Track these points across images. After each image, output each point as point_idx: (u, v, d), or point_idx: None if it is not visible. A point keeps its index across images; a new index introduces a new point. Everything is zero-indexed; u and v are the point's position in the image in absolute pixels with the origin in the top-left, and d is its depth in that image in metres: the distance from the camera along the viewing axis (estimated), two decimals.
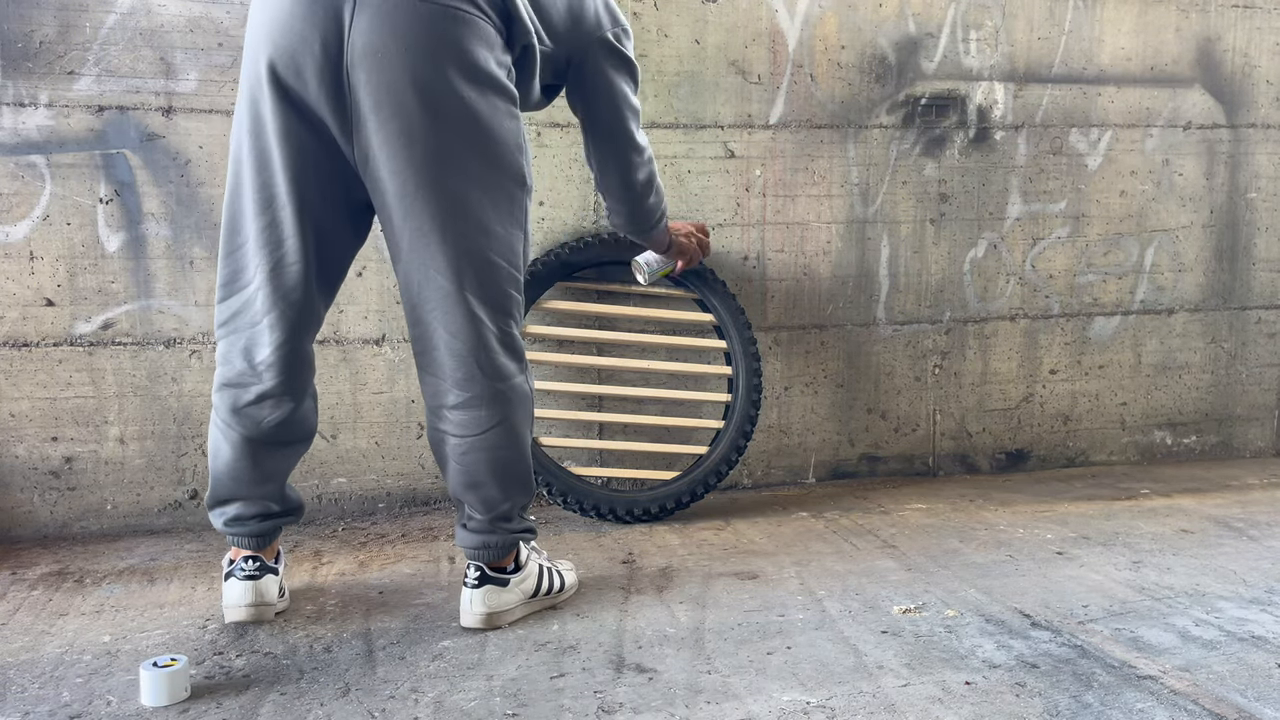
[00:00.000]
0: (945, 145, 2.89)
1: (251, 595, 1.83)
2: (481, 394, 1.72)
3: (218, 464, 1.83)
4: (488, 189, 1.68)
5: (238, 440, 1.80)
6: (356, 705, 1.54)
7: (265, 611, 1.85)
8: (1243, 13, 3.07)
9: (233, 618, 1.84)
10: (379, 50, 1.59)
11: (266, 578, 1.85)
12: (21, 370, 2.36)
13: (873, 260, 2.87)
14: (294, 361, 1.77)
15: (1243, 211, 3.16)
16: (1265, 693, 1.57)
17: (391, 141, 1.62)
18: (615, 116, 1.94)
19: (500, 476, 1.79)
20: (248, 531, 1.86)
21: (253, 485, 1.84)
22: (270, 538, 1.88)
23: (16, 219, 2.33)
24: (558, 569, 1.98)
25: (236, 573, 1.84)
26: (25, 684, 1.62)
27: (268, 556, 1.88)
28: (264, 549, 1.87)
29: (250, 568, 1.84)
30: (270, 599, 1.85)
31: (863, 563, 2.19)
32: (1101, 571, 2.14)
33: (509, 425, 1.76)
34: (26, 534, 2.39)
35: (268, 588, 1.85)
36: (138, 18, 2.34)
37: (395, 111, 1.61)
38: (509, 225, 1.73)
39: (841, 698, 1.55)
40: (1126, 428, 3.15)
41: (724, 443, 2.59)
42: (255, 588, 1.83)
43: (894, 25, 2.81)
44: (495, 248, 1.71)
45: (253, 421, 1.78)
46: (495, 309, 1.73)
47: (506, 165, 1.70)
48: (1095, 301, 3.07)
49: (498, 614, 1.83)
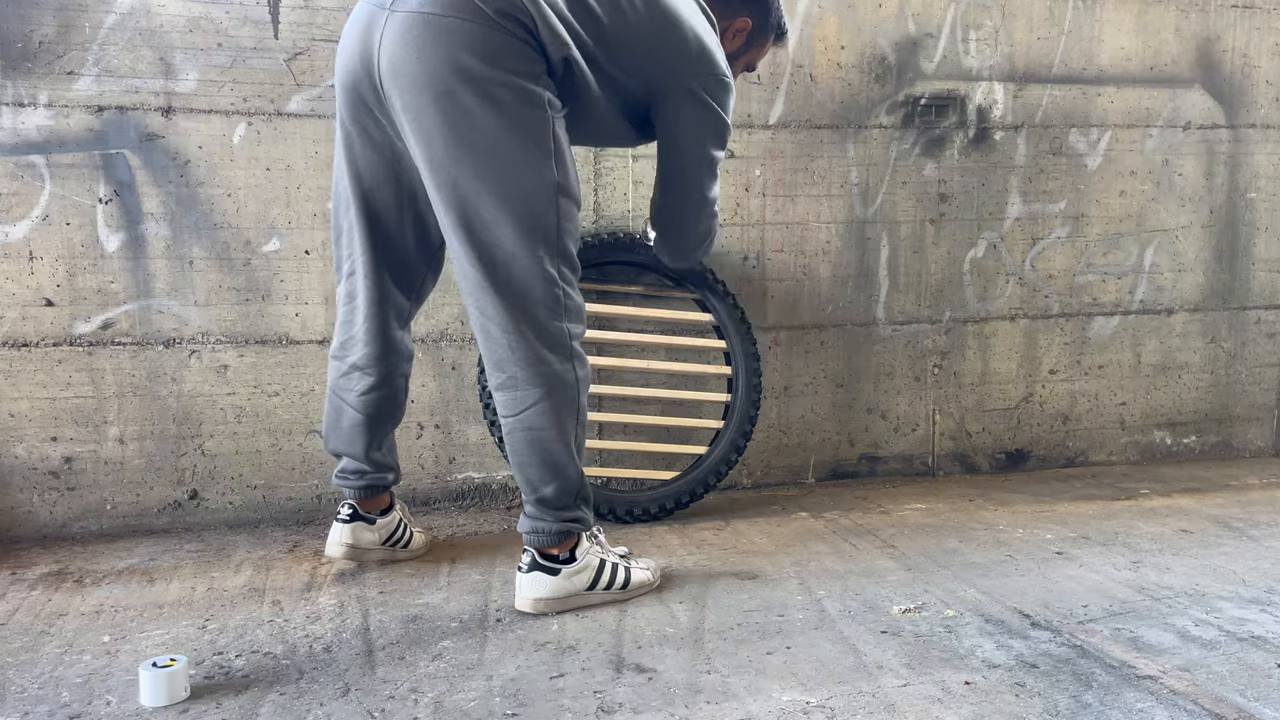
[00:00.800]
0: (945, 145, 2.89)
1: (339, 536, 2.07)
2: (516, 376, 1.82)
3: (325, 421, 2.10)
4: (500, 188, 1.75)
5: (336, 403, 2.06)
6: (356, 705, 1.54)
7: (353, 553, 2.08)
8: (1242, 13, 3.07)
9: (328, 554, 2.10)
10: (398, 61, 1.74)
11: (357, 524, 2.08)
12: (21, 370, 2.36)
13: (872, 260, 2.87)
14: (380, 343, 2.00)
15: (1242, 211, 3.17)
16: (1265, 693, 1.57)
17: (416, 146, 1.77)
18: (683, 165, 1.98)
19: (539, 458, 1.86)
20: (345, 484, 2.10)
21: (348, 444, 2.07)
22: (366, 492, 2.09)
23: (16, 219, 2.33)
24: (629, 565, 1.99)
25: (336, 515, 2.10)
26: (25, 684, 1.61)
27: (366, 509, 2.09)
28: (362, 500, 2.09)
29: (345, 513, 2.08)
30: (360, 543, 2.08)
31: (862, 563, 2.19)
32: (1101, 571, 2.14)
33: (545, 408, 1.83)
34: (26, 534, 2.39)
35: (359, 534, 2.07)
36: (137, 18, 2.34)
37: (415, 117, 1.75)
38: (530, 222, 1.78)
39: (841, 698, 1.55)
40: (1126, 428, 3.15)
41: (723, 443, 2.59)
42: (346, 530, 2.07)
43: (893, 25, 2.81)
44: (511, 244, 1.77)
45: (346, 389, 2.03)
46: (521, 299, 1.80)
47: (523, 165, 1.75)
48: (1095, 301, 3.07)
49: (544, 600, 1.88)
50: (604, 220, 2.65)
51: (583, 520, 1.93)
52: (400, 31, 1.72)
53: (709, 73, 1.92)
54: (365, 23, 1.79)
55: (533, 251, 1.78)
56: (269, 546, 2.33)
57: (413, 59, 1.71)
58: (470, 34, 1.69)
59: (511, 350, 1.81)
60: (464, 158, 1.73)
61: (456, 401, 2.61)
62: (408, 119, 1.75)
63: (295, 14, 2.42)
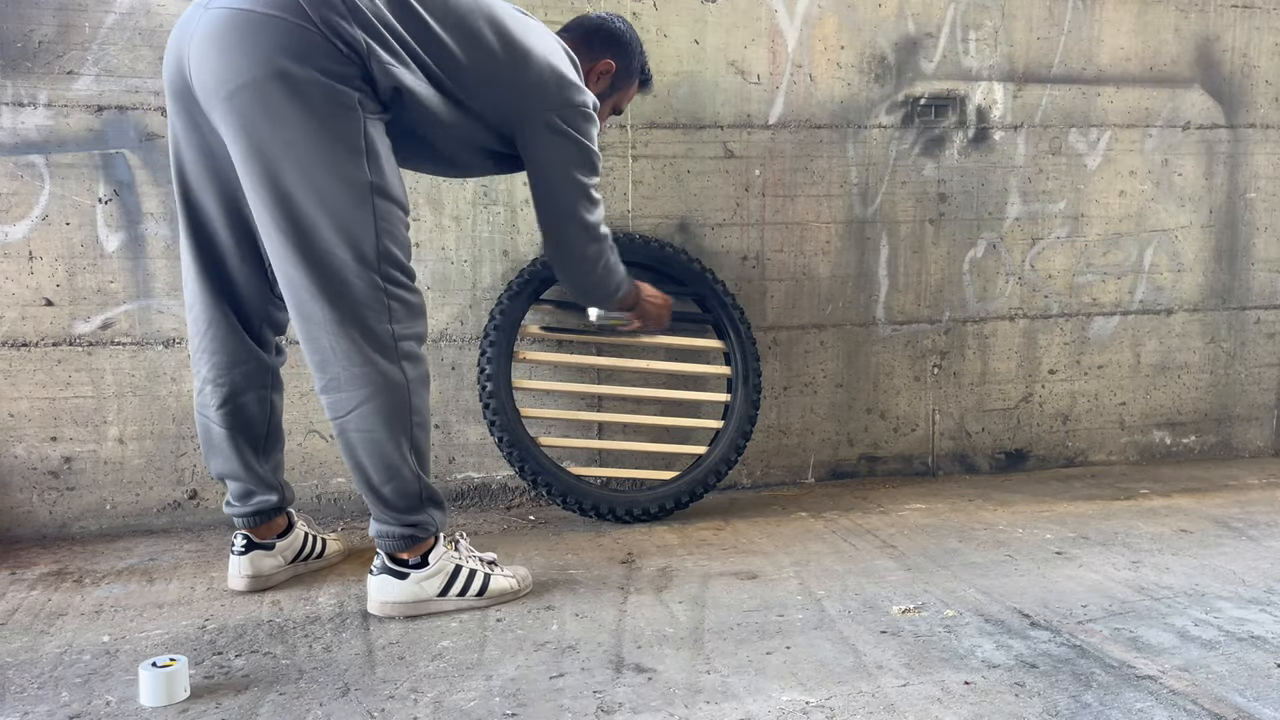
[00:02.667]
0: (944, 145, 2.89)
1: (237, 569, 2.02)
2: (339, 377, 1.78)
3: (200, 442, 2.04)
4: (311, 187, 1.71)
5: (201, 420, 2.00)
6: (356, 705, 1.54)
7: (257, 583, 2.02)
8: (1242, 12, 3.08)
9: (230, 586, 2.04)
10: (206, 58, 1.71)
11: (255, 553, 2.02)
12: (20, 370, 2.36)
13: (872, 260, 2.87)
14: (226, 353, 1.94)
15: (1242, 211, 3.17)
16: (1264, 692, 1.57)
17: (231, 144, 1.73)
18: (553, 193, 1.97)
19: (371, 460, 1.82)
20: (234, 513, 2.04)
21: (225, 462, 2.01)
22: (255, 519, 2.03)
23: (15, 219, 2.33)
24: (489, 571, 1.95)
25: (231, 547, 2.05)
26: (24, 684, 1.61)
27: (261, 536, 2.04)
28: (254, 529, 2.03)
29: (240, 544, 2.02)
30: (262, 571, 2.02)
31: (862, 563, 2.19)
32: (1100, 571, 2.14)
33: (370, 409, 1.79)
34: (25, 534, 2.39)
35: (258, 563, 2.02)
36: (137, 17, 2.34)
37: (225, 115, 1.71)
38: (344, 221, 1.73)
39: (841, 698, 1.55)
40: (1125, 428, 3.15)
41: (723, 443, 2.59)
42: (244, 562, 2.01)
43: (893, 25, 2.81)
44: (327, 244, 1.73)
45: (204, 405, 1.98)
46: (340, 299, 1.75)
47: (333, 164, 1.72)
48: (1094, 301, 3.07)
49: (390, 604, 1.86)
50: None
51: (427, 525, 1.88)
52: (209, 29, 1.69)
53: (567, 103, 1.91)
54: (182, 23, 1.77)
55: (350, 251, 1.73)
56: None
57: (219, 56, 1.68)
58: (279, 29, 1.66)
59: (333, 351, 1.76)
60: (277, 156, 1.69)
61: (455, 402, 2.61)
62: (219, 117, 1.71)
63: None
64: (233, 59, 1.67)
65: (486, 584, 1.93)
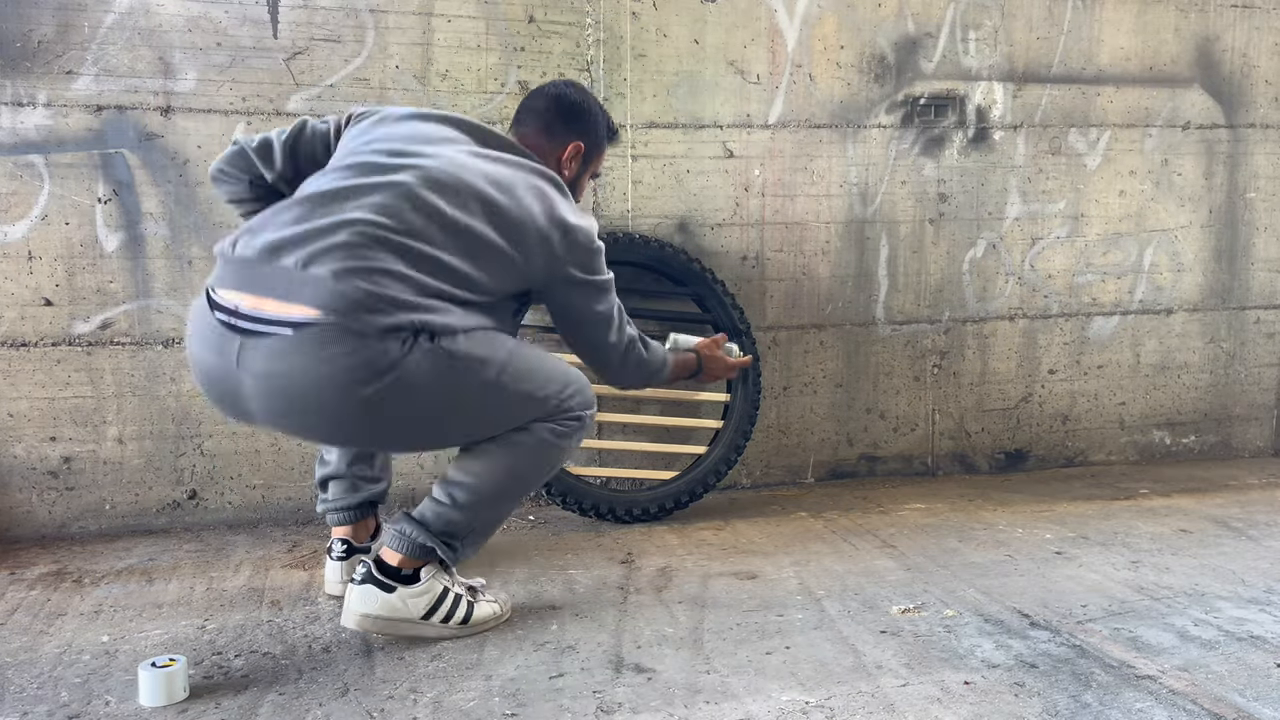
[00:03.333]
0: (944, 145, 2.89)
1: (338, 574, 2.01)
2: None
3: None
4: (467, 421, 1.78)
5: None
6: (355, 705, 1.54)
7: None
8: (1242, 12, 3.07)
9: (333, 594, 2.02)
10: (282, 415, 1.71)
11: (355, 558, 2.00)
12: (20, 370, 2.36)
13: (871, 260, 2.87)
14: None
15: (1241, 211, 3.17)
16: (1264, 692, 1.57)
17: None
18: (578, 327, 1.92)
19: (493, 491, 1.81)
20: (333, 507, 2.04)
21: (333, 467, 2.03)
22: (358, 513, 2.04)
23: (15, 219, 2.33)
24: (473, 600, 1.84)
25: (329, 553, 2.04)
26: (23, 684, 1.61)
27: (357, 538, 2.03)
28: (355, 524, 2.04)
29: (339, 549, 2.01)
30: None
31: (862, 562, 2.19)
32: (1100, 571, 2.14)
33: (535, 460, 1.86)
34: (25, 534, 2.39)
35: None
36: (136, 17, 2.34)
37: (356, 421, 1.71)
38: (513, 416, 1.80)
39: (840, 697, 1.55)
40: (1125, 427, 3.15)
41: (723, 442, 2.59)
42: (343, 567, 2.00)
43: (893, 25, 2.81)
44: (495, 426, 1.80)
45: None
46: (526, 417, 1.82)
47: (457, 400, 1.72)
48: (1094, 301, 3.07)
49: (371, 618, 1.75)
50: (603, 220, 2.64)
51: (448, 552, 1.79)
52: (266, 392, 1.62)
53: (577, 247, 1.82)
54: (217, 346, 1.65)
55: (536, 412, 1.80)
56: (268, 547, 2.33)
57: (300, 418, 1.66)
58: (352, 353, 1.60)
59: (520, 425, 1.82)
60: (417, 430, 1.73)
61: None
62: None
63: (294, 13, 2.41)
64: (313, 419, 1.65)
65: (470, 613, 1.81)
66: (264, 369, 1.59)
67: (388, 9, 2.47)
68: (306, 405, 1.61)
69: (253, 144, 1.86)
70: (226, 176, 1.89)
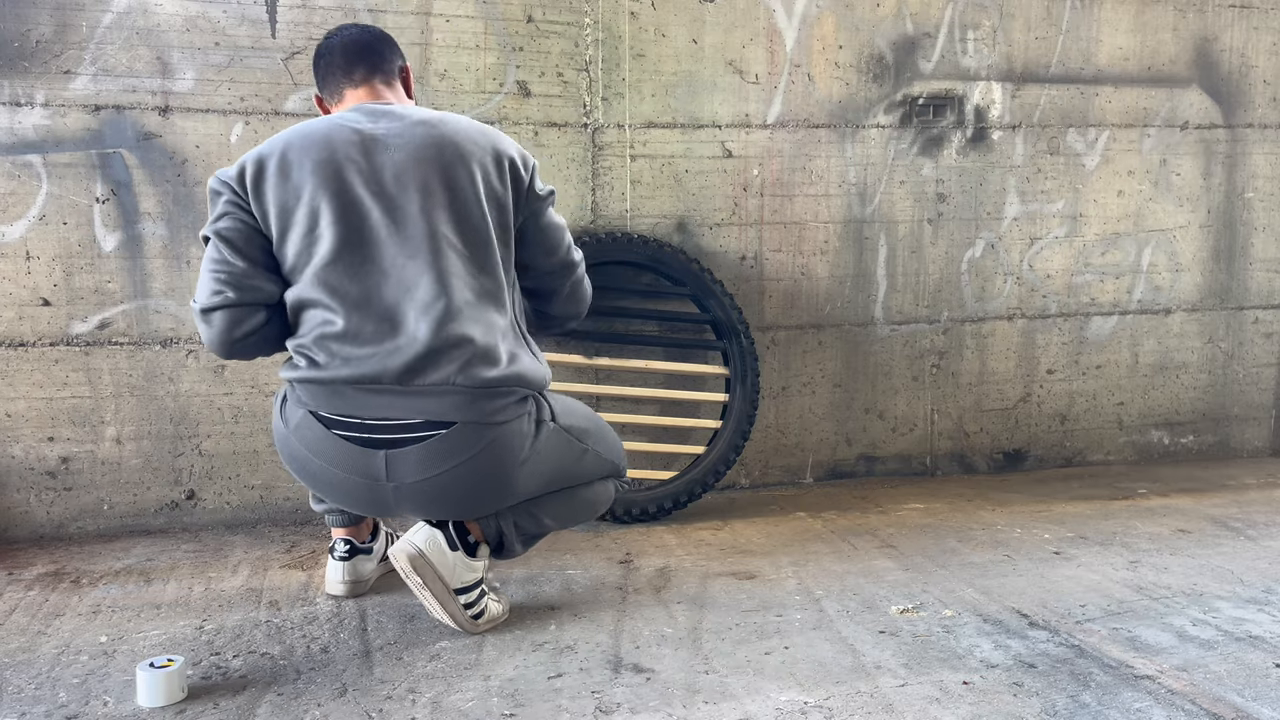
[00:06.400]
0: (943, 145, 2.89)
1: (341, 574, 2.01)
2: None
3: None
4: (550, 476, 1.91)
5: None
6: (354, 705, 1.54)
7: (355, 588, 2.02)
8: (1240, 12, 3.08)
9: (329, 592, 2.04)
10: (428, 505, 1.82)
11: (357, 558, 2.03)
12: (18, 370, 2.35)
13: (870, 260, 2.87)
14: None
15: (1240, 211, 3.17)
16: (1262, 692, 1.57)
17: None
18: (561, 250, 1.92)
19: (572, 511, 1.95)
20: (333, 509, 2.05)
21: None
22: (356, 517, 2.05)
23: (13, 219, 2.33)
24: (488, 598, 1.88)
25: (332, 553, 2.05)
26: (21, 684, 1.61)
27: (359, 538, 2.04)
28: (354, 527, 2.05)
29: (342, 549, 2.02)
30: (359, 577, 2.03)
31: (860, 563, 2.19)
32: (1099, 571, 2.14)
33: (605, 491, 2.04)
34: (23, 534, 2.39)
35: (360, 567, 2.03)
36: (134, 17, 2.34)
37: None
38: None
39: (839, 698, 1.55)
40: (1124, 427, 3.15)
41: (721, 443, 2.59)
42: (346, 567, 2.01)
43: (891, 25, 2.81)
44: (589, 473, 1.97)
45: None
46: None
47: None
48: (1092, 301, 3.07)
49: (422, 561, 1.76)
50: (602, 220, 2.65)
51: (509, 541, 1.86)
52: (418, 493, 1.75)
53: (527, 166, 1.84)
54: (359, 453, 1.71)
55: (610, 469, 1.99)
56: (266, 547, 2.33)
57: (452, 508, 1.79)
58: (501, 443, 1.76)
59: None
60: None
61: None
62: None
63: (293, 13, 2.41)
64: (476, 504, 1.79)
65: (484, 612, 1.84)
66: (419, 475, 1.71)
67: (386, 9, 2.47)
68: (466, 494, 1.75)
69: (227, 293, 1.68)
70: (251, 336, 1.73)
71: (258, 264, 1.71)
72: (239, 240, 1.70)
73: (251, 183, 1.69)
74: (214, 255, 1.70)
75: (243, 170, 1.70)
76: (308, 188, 1.68)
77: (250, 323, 1.70)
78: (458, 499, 1.76)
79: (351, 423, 1.69)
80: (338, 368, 1.68)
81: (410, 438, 1.69)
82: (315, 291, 1.69)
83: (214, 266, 1.70)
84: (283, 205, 1.69)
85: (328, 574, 2.01)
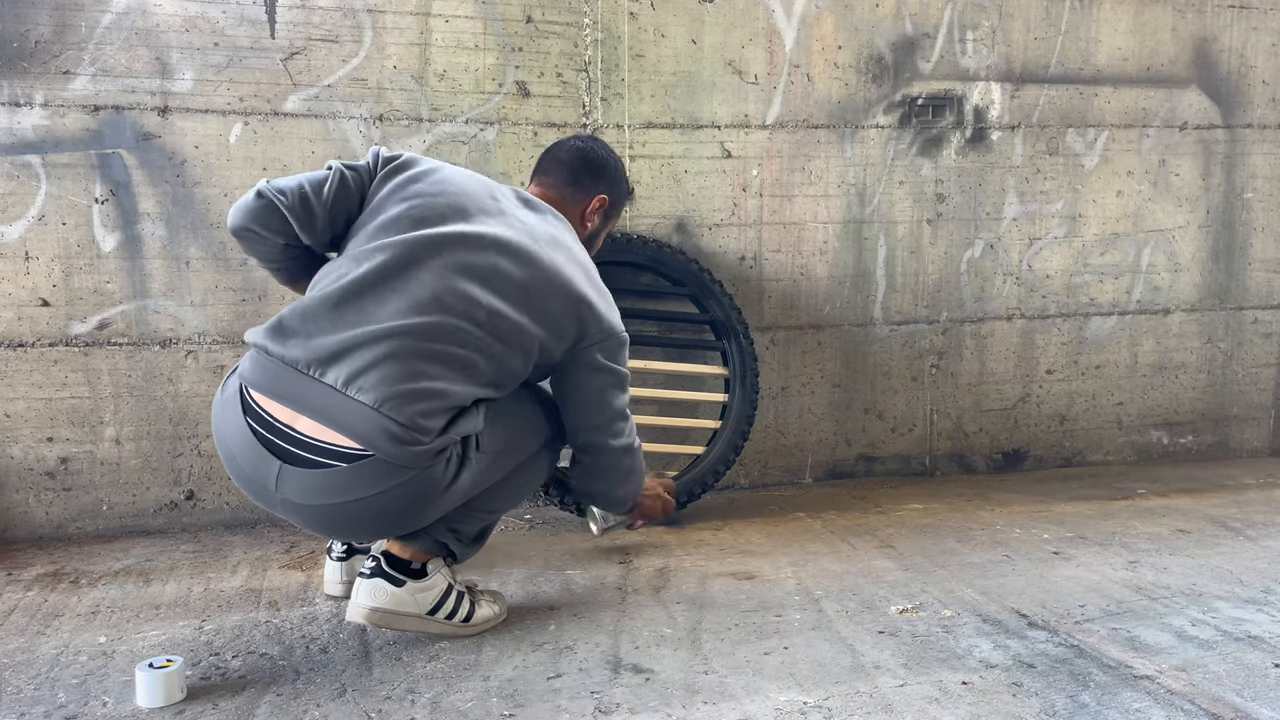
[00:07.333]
0: (942, 145, 2.89)
1: (339, 574, 2.00)
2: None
3: None
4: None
5: None
6: (353, 706, 1.54)
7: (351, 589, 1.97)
8: (1239, 13, 3.08)
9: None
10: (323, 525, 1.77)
11: (355, 558, 2.01)
12: (17, 370, 2.35)
13: (869, 260, 2.87)
14: None
15: (1239, 212, 3.17)
16: (1261, 692, 1.57)
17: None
18: (586, 413, 1.87)
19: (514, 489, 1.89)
20: None
21: None
22: None
23: (12, 219, 2.33)
24: (473, 600, 1.85)
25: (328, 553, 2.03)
26: (21, 685, 1.61)
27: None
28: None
29: (339, 550, 2.01)
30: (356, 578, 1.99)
31: (860, 563, 2.19)
32: (1098, 571, 2.14)
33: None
34: (22, 535, 2.39)
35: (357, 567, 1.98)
36: (134, 17, 2.34)
37: None
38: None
39: (838, 698, 1.55)
40: (1123, 428, 3.15)
41: (721, 443, 2.59)
42: (343, 568, 2.00)
43: (891, 25, 2.81)
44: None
45: None
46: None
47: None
48: (1092, 301, 3.07)
49: (380, 611, 1.73)
50: None
51: (459, 547, 1.82)
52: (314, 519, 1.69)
53: (607, 334, 1.81)
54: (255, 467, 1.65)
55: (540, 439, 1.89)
56: (265, 547, 2.33)
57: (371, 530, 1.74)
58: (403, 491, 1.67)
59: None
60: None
61: None
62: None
63: (292, 13, 2.41)
64: (365, 532, 1.74)
65: (472, 612, 1.82)
66: (308, 500, 1.63)
67: (385, 9, 2.47)
68: (359, 524, 1.68)
69: (286, 201, 1.69)
70: (256, 236, 1.72)
71: (325, 221, 1.73)
72: (340, 195, 1.73)
73: (394, 169, 1.77)
74: (320, 179, 1.73)
75: (396, 158, 1.79)
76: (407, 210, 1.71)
77: (273, 229, 1.71)
78: (352, 529, 1.71)
79: (264, 418, 1.63)
80: (280, 343, 1.63)
81: (311, 459, 1.60)
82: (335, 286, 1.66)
83: (311, 185, 1.72)
84: (391, 204, 1.73)
85: (326, 574, 2.01)
